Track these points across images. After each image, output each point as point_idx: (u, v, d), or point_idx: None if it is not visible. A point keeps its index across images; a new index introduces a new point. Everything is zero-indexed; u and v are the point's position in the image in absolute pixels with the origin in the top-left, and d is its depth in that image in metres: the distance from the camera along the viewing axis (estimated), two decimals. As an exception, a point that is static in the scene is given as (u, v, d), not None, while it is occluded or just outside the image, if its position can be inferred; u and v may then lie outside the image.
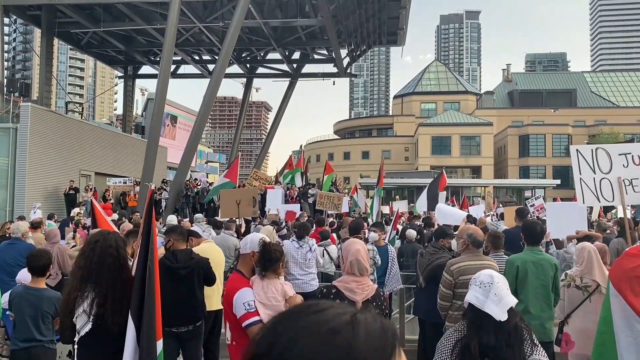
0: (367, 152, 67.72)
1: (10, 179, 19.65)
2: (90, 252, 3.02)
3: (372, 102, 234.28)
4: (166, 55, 20.48)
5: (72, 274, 3.02)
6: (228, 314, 3.46)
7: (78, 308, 2.92)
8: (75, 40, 29.22)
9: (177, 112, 37.32)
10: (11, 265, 6.56)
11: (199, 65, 33.13)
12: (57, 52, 27.55)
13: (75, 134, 22.70)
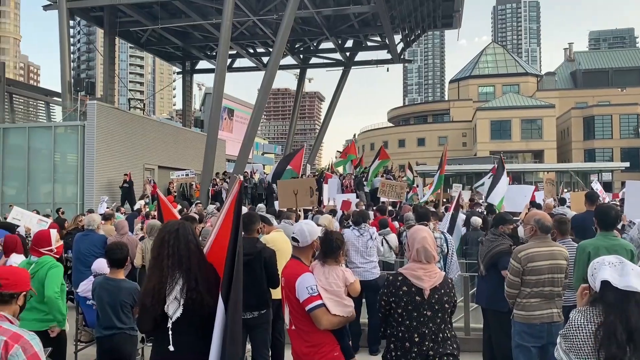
0: (423, 139, 66.64)
1: (79, 174, 20.64)
2: (175, 240, 3.12)
3: (426, 88, 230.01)
4: (222, 49, 20.85)
5: (157, 263, 3.10)
6: (290, 298, 3.50)
7: (169, 295, 3.02)
8: (135, 39, 30.23)
9: (234, 105, 38.02)
10: (86, 256, 6.91)
11: (253, 58, 33.55)
12: (118, 51, 28.75)
13: (138, 129, 23.54)
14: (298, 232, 3.66)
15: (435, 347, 3.20)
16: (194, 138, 28.76)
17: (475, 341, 6.61)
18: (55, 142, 21.12)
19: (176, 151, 26.50)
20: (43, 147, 21.27)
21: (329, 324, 3.38)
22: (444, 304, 3.26)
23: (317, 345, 3.37)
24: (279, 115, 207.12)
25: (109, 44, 27.03)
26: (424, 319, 3.22)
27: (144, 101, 36.24)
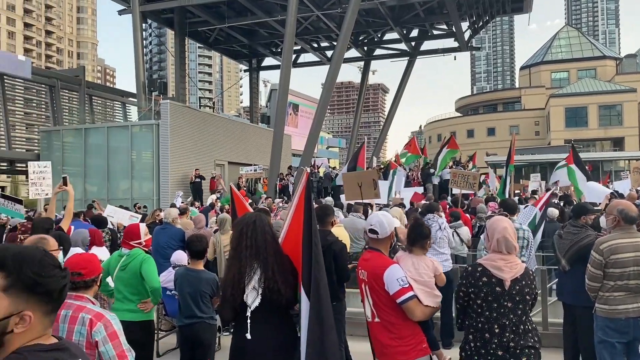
0: (493, 129, 64.54)
1: (154, 171, 21.59)
2: (252, 231, 3.24)
3: (496, 76, 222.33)
4: (287, 45, 21.08)
5: (236, 254, 3.23)
6: (375, 291, 3.44)
7: (248, 285, 3.13)
8: (203, 39, 31.17)
9: (298, 100, 38.41)
10: (164, 248, 7.22)
11: (317, 52, 33.71)
12: (188, 51, 29.86)
13: (208, 126, 24.28)
14: (377, 223, 3.58)
15: (516, 338, 3.12)
16: (261, 134, 29.33)
17: (554, 336, 6.36)
18: (131, 140, 22.18)
19: (244, 147, 27.13)
20: (121, 146, 22.39)
21: (422, 315, 3.35)
22: (525, 295, 3.17)
23: (405, 337, 3.33)
24: (342, 108, 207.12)
25: (180, 44, 28.01)
26: (505, 310, 3.14)
27: (212, 99, 37.30)
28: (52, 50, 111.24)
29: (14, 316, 1.41)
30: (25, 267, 1.43)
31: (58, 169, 22.74)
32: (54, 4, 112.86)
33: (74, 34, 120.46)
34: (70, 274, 2.51)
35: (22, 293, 1.42)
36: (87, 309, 2.73)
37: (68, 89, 27.39)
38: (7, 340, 1.41)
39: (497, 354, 3.10)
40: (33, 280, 1.43)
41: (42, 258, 1.48)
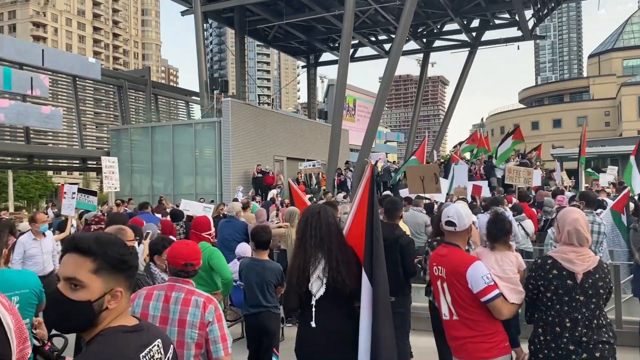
0: (559, 120, 61.98)
1: (217, 167, 22.19)
2: (317, 222, 3.31)
3: (561, 65, 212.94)
4: (345, 39, 21.08)
5: (301, 244, 3.31)
6: (455, 287, 3.31)
7: (313, 274, 3.21)
8: (262, 36, 31.65)
9: (356, 94, 38.32)
10: (229, 241, 7.45)
11: (375, 46, 33.49)
12: (247, 49, 30.63)
13: (268, 123, 24.68)
14: (455, 215, 3.41)
15: (590, 333, 3.01)
16: (319, 129, 29.50)
17: (629, 335, 6.06)
18: (195, 138, 22.89)
19: (303, 142, 27.39)
20: (185, 143, 23.15)
21: (509, 313, 3.24)
22: (599, 289, 3.04)
23: (486, 335, 3.24)
24: (400, 102, 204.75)
25: (240, 43, 28.58)
26: (577, 304, 3.03)
27: (271, 96, 37.84)
28: (119, 52, 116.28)
29: (107, 294, 1.53)
30: (108, 249, 1.54)
31: (127, 166, 23.88)
32: (120, 7, 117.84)
33: (139, 36, 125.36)
34: (184, 264, 2.98)
35: (110, 272, 1.54)
36: (197, 293, 2.95)
37: (135, 89, 28.57)
38: (101, 317, 1.53)
39: (569, 348, 3.00)
40: (118, 259, 1.55)
41: (117, 239, 1.61)
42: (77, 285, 1.51)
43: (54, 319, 1.56)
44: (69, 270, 1.53)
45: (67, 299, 1.50)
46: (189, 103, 32.35)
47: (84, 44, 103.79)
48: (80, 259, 1.53)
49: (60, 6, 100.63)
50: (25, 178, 54.72)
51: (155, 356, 1.57)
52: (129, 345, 1.52)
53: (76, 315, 1.51)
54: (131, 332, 1.56)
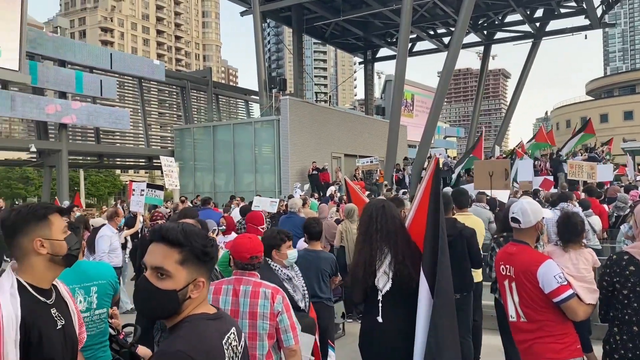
0: (630, 112, 58.72)
1: (276, 164, 22.51)
2: (382, 215, 3.31)
3: (632, 54, 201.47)
4: (403, 34, 20.84)
5: (366, 238, 3.31)
6: (525, 287, 3.19)
7: (379, 269, 3.20)
8: (319, 34, 31.81)
9: (414, 90, 37.82)
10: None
11: (434, 40, 32.93)
12: (304, 47, 30.80)
13: (325, 120, 24.79)
14: (519, 211, 3.29)
15: None
16: (376, 125, 29.33)
17: None
18: (254, 136, 23.32)
19: (360, 139, 27.32)
20: (245, 141, 23.63)
21: (584, 314, 3.10)
22: None
23: (557, 336, 3.11)
24: (460, 96, 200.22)
25: (297, 41, 28.83)
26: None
27: (328, 93, 37.98)
28: (181, 54, 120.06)
29: (190, 284, 1.59)
30: (194, 241, 1.60)
31: (190, 164, 24.66)
32: (182, 10, 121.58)
33: (199, 37, 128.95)
34: (250, 257, 3.08)
35: (194, 264, 1.60)
36: (264, 285, 3.03)
37: (197, 89, 29.43)
38: (184, 305, 1.60)
39: None
40: (202, 251, 1.60)
41: (200, 231, 1.67)
42: (163, 274, 1.57)
43: (141, 305, 1.64)
44: (157, 259, 1.59)
45: (154, 287, 1.57)
46: (248, 102, 32.98)
47: (148, 47, 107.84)
48: (167, 250, 1.59)
49: (126, 11, 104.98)
50: (95, 176, 57.53)
51: (232, 343, 1.64)
52: (212, 332, 1.58)
53: (162, 303, 1.58)
54: (213, 319, 1.63)
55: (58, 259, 2.06)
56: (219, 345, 1.57)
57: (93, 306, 3.03)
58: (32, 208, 2.07)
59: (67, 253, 2.09)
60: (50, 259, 2.04)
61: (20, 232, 2.00)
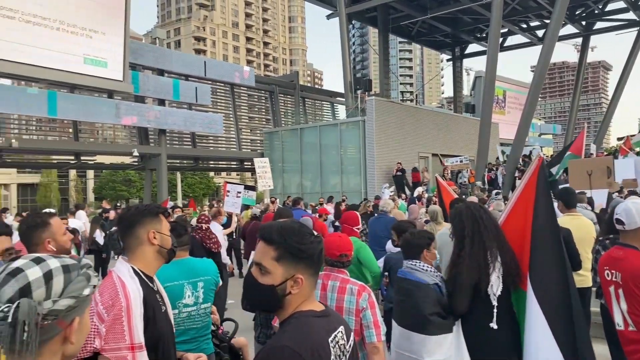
0: None
1: (361, 165, 22.51)
2: (486, 217, 3.20)
3: None
4: (494, 28, 20.12)
5: (474, 241, 3.14)
6: (635, 295, 2.99)
7: (492, 273, 3.07)
8: (406, 33, 31.45)
9: (505, 85, 36.36)
10: (380, 237, 7.51)
11: (527, 33, 31.48)
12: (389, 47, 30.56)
13: (412, 119, 24.44)
14: (623, 212, 3.13)
15: None
16: (466, 124, 28.51)
17: None
18: (340, 137, 23.48)
19: (449, 138, 26.67)
20: (331, 143, 23.86)
21: None
22: None
23: None
24: (555, 91, 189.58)
25: (383, 41, 28.69)
26: None
27: (414, 92, 37.43)
28: (269, 59, 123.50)
29: (289, 280, 1.64)
30: (288, 238, 1.65)
31: (279, 166, 25.29)
32: (270, 16, 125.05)
33: (286, 42, 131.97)
34: (339, 255, 3.20)
35: (290, 260, 1.64)
36: (351, 282, 3.13)
37: (284, 93, 30.13)
38: (287, 301, 1.65)
39: None
40: (297, 248, 1.64)
41: (300, 229, 1.70)
42: (263, 270, 1.65)
43: (246, 298, 1.73)
44: (257, 256, 1.68)
45: (256, 282, 1.65)
46: (334, 104, 33.27)
47: (238, 54, 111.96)
48: (265, 247, 1.66)
49: (217, 20, 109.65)
50: (191, 179, 60.64)
51: (339, 342, 1.65)
52: (319, 329, 1.62)
53: (262, 296, 1.66)
54: (319, 316, 1.66)
55: (163, 252, 2.36)
56: (325, 343, 1.59)
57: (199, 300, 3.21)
58: (148, 205, 2.42)
59: (170, 248, 2.39)
60: (158, 251, 2.34)
61: (138, 223, 2.33)
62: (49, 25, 17.62)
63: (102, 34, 19.07)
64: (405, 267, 3.44)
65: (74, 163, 23.16)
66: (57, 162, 28.94)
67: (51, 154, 26.67)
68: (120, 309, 2.08)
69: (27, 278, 1.13)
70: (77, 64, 18.42)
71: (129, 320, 2.08)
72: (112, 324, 2.05)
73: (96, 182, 61.13)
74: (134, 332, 2.08)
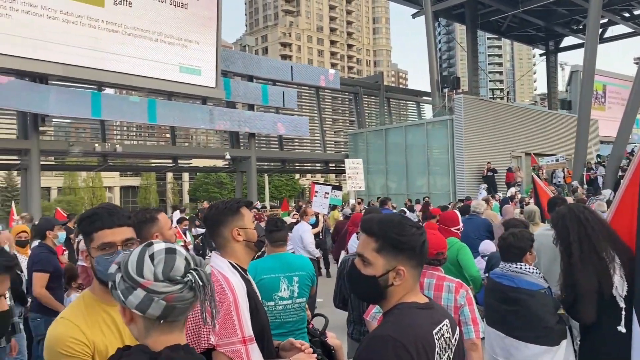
0: None
1: (450, 166, 21.98)
2: (592, 217, 3.02)
3: None
4: (592, 19, 18.99)
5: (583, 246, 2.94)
6: None
7: (614, 275, 2.87)
8: (495, 29, 30.38)
9: (605, 80, 34.04)
10: (472, 238, 7.31)
11: (630, 22, 29.32)
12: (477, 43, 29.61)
13: (503, 117, 23.50)
14: None
15: None
16: (561, 121, 27.00)
17: None
18: (427, 137, 23.07)
19: (543, 136, 25.36)
20: (417, 143, 23.51)
21: None
22: None
23: None
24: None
25: (471, 38, 27.91)
26: None
27: (505, 89, 36.01)
28: (352, 61, 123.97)
29: (391, 272, 1.65)
30: (388, 230, 1.66)
31: (363, 167, 25.28)
32: (353, 19, 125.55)
33: (370, 44, 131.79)
34: (436, 253, 3.22)
35: (391, 252, 1.65)
36: (448, 279, 3.14)
37: (368, 94, 30.12)
38: (389, 292, 1.67)
39: None
40: (397, 240, 1.65)
41: (401, 221, 1.70)
42: (365, 261, 1.67)
43: (350, 288, 1.79)
44: (359, 247, 1.71)
45: (359, 272, 1.68)
46: (420, 103, 32.78)
47: (323, 58, 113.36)
48: (367, 239, 1.69)
49: (303, 25, 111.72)
50: (278, 181, 62.17)
51: (445, 335, 1.64)
52: (423, 320, 1.61)
53: (365, 287, 1.69)
54: (423, 308, 1.66)
55: (251, 245, 2.41)
56: (429, 335, 1.59)
57: (295, 295, 3.30)
58: (227, 203, 2.45)
59: (258, 239, 2.43)
60: (246, 245, 2.39)
61: (220, 223, 2.38)
62: (148, 37, 18.80)
63: (196, 43, 20.06)
64: (506, 270, 3.31)
65: (171, 166, 24.54)
66: (156, 166, 30.81)
67: (150, 158, 28.43)
68: (229, 303, 2.13)
69: (182, 253, 1.34)
70: (174, 72, 19.51)
71: (237, 314, 2.13)
72: (223, 319, 2.09)
73: (191, 185, 64.32)
74: (244, 326, 2.13)
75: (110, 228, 1.90)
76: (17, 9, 15.61)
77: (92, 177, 57.29)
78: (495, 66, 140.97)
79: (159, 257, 1.29)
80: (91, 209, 2.05)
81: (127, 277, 1.28)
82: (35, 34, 15.89)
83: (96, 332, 1.79)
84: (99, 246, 1.88)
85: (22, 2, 15.68)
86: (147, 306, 1.26)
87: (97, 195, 56.84)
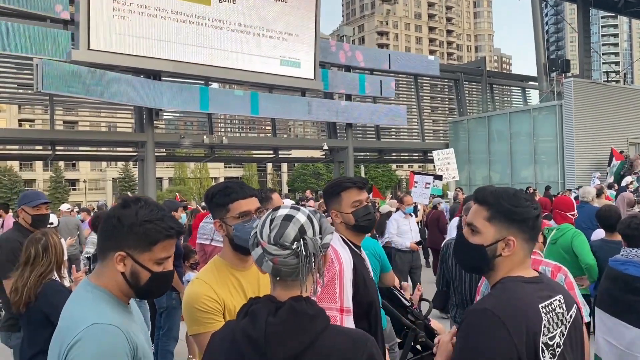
0: None
1: (559, 155, 20.75)
2: None
3: None
4: None
5: None
6: None
7: None
8: (610, 5, 28.09)
9: None
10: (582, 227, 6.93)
11: None
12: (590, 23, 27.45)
13: (619, 102, 21.77)
14: None
15: None
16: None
17: None
18: (533, 124, 21.92)
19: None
20: (522, 131, 22.42)
21: None
22: None
23: None
24: None
25: (583, 17, 26.07)
26: None
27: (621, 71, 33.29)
28: (452, 47, 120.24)
29: (500, 242, 1.64)
30: (502, 200, 1.65)
31: (464, 157, 24.61)
32: (453, 4, 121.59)
33: (471, 29, 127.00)
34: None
35: (502, 222, 1.64)
36: (544, 262, 3.09)
37: (470, 80, 29.13)
38: (497, 263, 1.66)
39: None
40: (509, 210, 1.64)
41: (516, 193, 1.69)
42: (474, 230, 1.69)
43: (456, 257, 1.80)
44: (470, 217, 1.72)
45: (467, 241, 1.70)
46: (525, 89, 31.18)
47: (421, 45, 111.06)
48: (478, 208, 1.70)
49: (400, 13, 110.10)
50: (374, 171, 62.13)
51: (556, 310, 1.61)
52: (527, 294, 1.59)
53: (471, 256, 1.70)
54: (529, 282, 1.64)
55: (351, 227, 2.52)
56: (534, 308, 1.55)
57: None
58: (329, 186, 2.63)
59: (355, 224, 2.51)
60: (346, 227, 2.52)
61: (326, 205, 2.61)
62: (251, 32, 19.56)
63: (295, 36, 20.54)
64: (632, 256, 3.16)
65: (272, 157, 25.39)
66: (258, 157, 32.02)
67: (253, 149, 29.60)
68: (334, 272, 2.26)
69: (299, 221, 1.42)
70: (275, 65, 20.14)
71: (340, 283, 2.26)
72: (326, 285, 2.24)
73: (289, 176, 66.15)
74: (344, 296, 2.26)
75: (244, 199, 2.10)
76: (133, 11, 16.91)
77: (199, 168, 60.73)
78: (611, 47, 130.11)
79: (276, 223, 1.41)
80: (219, 183, 2.28)
81: (255, 235, 1.44)
82: (149, 34, 17.15)
83: (225, 292, 2.00)
84: (237, 215, 2.08)
85: (139, 5, 16.96)
86: (261, 263, 1.42)
87: (204, 185, 60.13)
